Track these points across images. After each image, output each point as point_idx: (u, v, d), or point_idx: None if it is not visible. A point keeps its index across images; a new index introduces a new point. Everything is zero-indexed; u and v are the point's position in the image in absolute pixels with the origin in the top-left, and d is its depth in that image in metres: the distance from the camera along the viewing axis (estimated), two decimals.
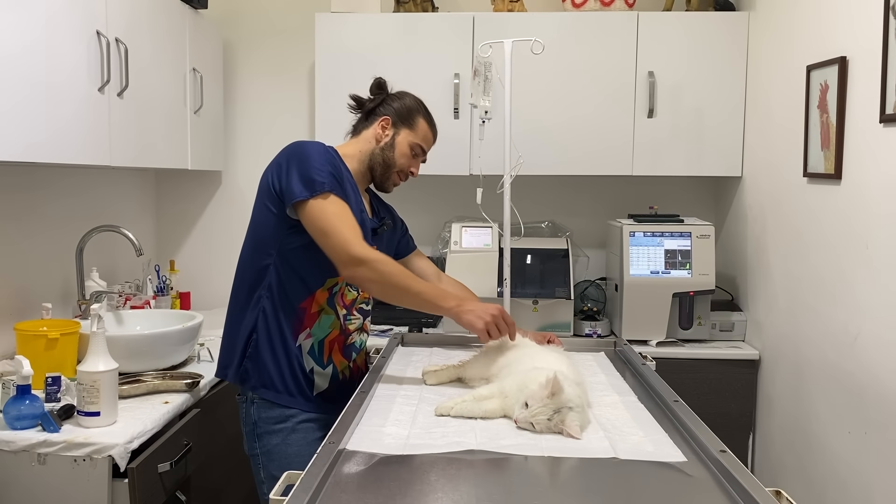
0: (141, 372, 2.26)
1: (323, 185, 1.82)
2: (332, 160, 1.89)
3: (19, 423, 1.84)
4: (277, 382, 1.91)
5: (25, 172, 2.53)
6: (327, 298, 1.93)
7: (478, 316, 1.79)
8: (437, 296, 1.85)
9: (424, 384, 1.82)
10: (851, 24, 2.25)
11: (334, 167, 1.87)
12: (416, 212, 3.55)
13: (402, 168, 2.03)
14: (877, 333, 2.11)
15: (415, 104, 2.05)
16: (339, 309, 1.96)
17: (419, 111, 2.05)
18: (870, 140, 2.14)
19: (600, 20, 3.09)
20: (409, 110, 2.03)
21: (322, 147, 1.92)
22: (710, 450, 1.35)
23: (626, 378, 1.91)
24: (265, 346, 1.91)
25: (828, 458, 2.37)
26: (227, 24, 3.50)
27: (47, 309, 2.33)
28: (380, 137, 2.01)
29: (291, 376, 1.92)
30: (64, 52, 2.13)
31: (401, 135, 2.01)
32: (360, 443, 1.41)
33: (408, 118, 2.03)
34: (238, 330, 1.95)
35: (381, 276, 1.80)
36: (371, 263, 1.80)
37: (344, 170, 1.94)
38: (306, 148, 1.88)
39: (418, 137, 2.03)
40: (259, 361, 1.91)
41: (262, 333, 1.91)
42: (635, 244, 2.98)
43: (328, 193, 1.82)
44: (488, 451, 1.37)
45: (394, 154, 2.01)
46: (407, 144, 2.02)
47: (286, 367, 1.91)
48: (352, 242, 1.79)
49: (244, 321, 1.93)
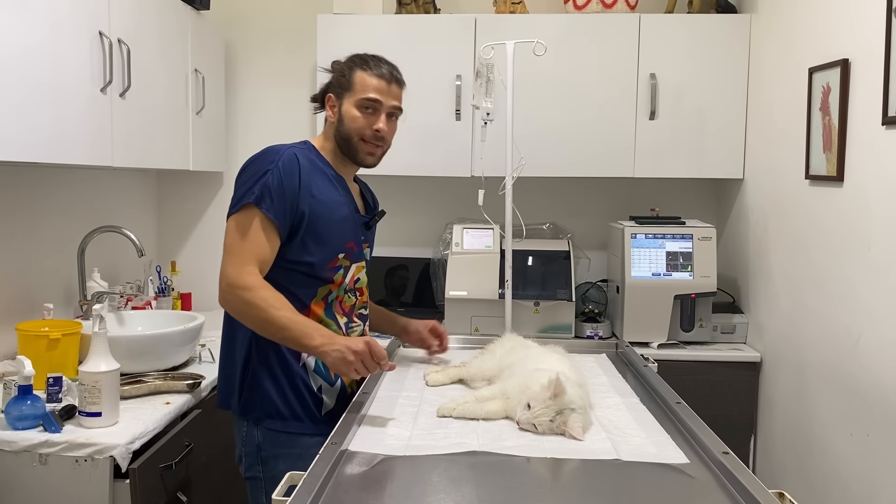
0: (142, 373, 2.26)
1: (248, 197, 1.71)
2: (281, 167, 1.74)
3: (21, 424, 1.84)
4: (283, 409, 1.80)
5: (27, 172, 2.53)
6: (324, 309, 1.84)
7: (340, 356, 1.62)
8: (303, 333, 1.67)
9: (426, 385, 1.81)
10: (853, 26, 2.25)
11: (278, 173, 1.73)
12: (417, 213, 3.55)
13: (360, 134, 1.84)
14: (879, 336, 2.10)
15: (349, 63, 1.87)
16: (340, 317, 1.88)
17: (354, 66, 1.86)
18: (872, 142, 2.14)
19: (602, 22, 3.09)
20: (343, 75, 1.86)
21: (270, 156, 1.77)
22: (713, 451, 1.35)
23: (627, 380, 1.91)
24: (264, 374, 1.80)
25: (830, 461, 2.37)
26: (229, 26, 3.50)
27: (49, 309, 2.33)
28: (331, 118, 1.89)
29: (298, 399, 1.81)
30: (66, 53, 2.13)
31: (344, 104, 1.85)
32: (362, 443, 1.41)
33: (345, 83, 1.86)
34: (232, 359, 1.85)
35: (245, 305, 1.69)
36: (238, 291, 1.69)
37: (313, 168, 1.81)
38: (250, 161, 1.78)
39: (359, 93, 1.83)
40: (260, 390, 1.81)
41: (257, 360, 1.80)
42: (637, 246, 2.98)
43: (249, 206, 1.71)
44: (490, 453, 1.37)
45: (345, 126, 1.85)
46: (352, 107, 1.84)
47: (290, 392, 1.80)
48: (229, 265, 1.70)
49: (237, 349, 1.83)
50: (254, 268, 1.71)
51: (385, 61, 1.90)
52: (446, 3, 3.40)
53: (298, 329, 1.67)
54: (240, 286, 1.69)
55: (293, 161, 1.76)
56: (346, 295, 1.89)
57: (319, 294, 1.83)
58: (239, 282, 1.69)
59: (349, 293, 1.90)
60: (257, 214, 1.72)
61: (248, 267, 1.70)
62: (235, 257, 1.71)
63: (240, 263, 1.70)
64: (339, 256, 1.84)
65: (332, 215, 1.82)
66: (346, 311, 1.90)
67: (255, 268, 1.71)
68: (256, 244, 1.72)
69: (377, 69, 1.86)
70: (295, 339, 1.68)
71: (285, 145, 1.82)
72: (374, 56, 1.89)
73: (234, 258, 1.71)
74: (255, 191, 1.71)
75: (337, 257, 1.84)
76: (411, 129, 3.15)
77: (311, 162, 1.82)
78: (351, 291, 1.90)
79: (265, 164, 1.74)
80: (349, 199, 1.90)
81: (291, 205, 1.74)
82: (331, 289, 1.84)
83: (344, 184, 1.90)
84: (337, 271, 1.84)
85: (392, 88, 1.88)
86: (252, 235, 1.72)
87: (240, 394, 1.83)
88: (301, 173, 1.76)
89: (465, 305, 3.01)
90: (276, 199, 1.72)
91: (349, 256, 1.87)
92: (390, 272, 3.44)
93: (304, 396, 1.81)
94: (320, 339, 1.65)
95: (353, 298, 1.92)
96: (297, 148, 1.83)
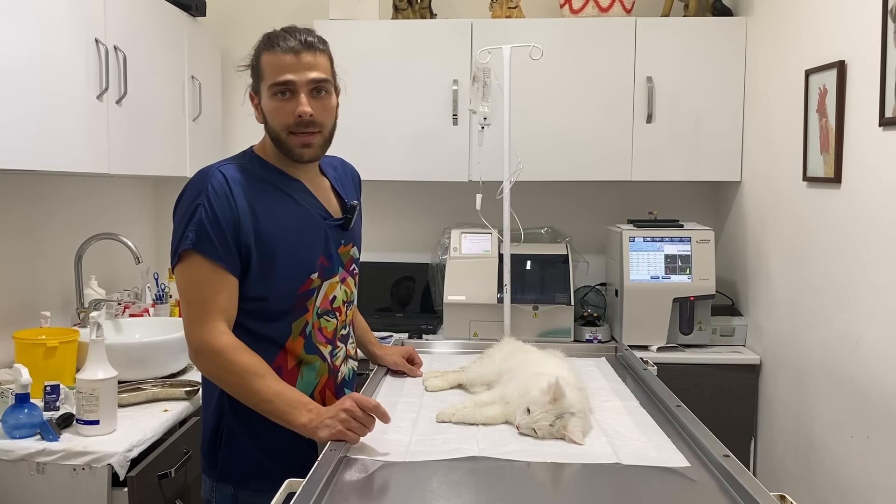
0: (140, 380, 2.25)
1: (185, 243, 1.50)
2: (210, 196, 1.51)
3: (18, 432, 1.83)
4: (269, 466, 1.59)
5: (23, 180, 2.52)
6: (304, 345, 1.61)
7: (328, 429, 1.42)
8: (288, 409, 1.47)
9: (425, 390, 1.81)
10: (849, 28, 2.25)
11: (209, 206, 1.50)
12: (415, 218, 3.55)
13: (284, 127, 1.57)
14: (878, 337, 2.10)
15: (256, 48, 1.61)
16: (323, 348, 1.64)
17: (261, 50, 1.59)
18: (869, 144, 2.14)
19: (598, 26, 3.09)
20: (255, 63, 1.60)
21: (198, 184, 1.53)
22: (714, 454, 1.34)
23: (627, 383, 1.91)
24: (240, 432, 1.59)
25: (830, 463, 2.36)
26: (226, 32, 3.50)
27: (46, 317, 2.32)
28: (258, 118, 1.64)
29: (284, 453, 1.58)
30: (62, 61, 2.13)
31: (263, 97, 1.59)
32: (361, 450, 1.41)
33: (256, 73, 1.60)
34: (206, 418, 1.65)
35: (220, 371, 1.51)
36: (208, 356, 1.50)
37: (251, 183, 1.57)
38: (182, 192, 1.56)
39: (269, 78, 1.56)
40: (239, 451, 1.60)
41: (231, 418, 1.59)
42: (635, 249, 2.98)
43: (188, 253, 1.50)
44: (490, 458, 1.36)
45: (270, 123, 1.59)
46: (268, 100, 1.57)
47: (276, 446, 1.58)
48: (191, 327, 1.51)
49: (209, 407, 1.63)
50: (220, 324, 1.50)
51: (296, 30, 1.57)
52: (442, 8, 3.40)
53: (283, 403, 1.48)
54: (209, 351, 1.50)
55: (222, 186, 1.52)
56: (321, 320, 1.65)
57: (295, 330, 1.60)
58: (207, 346, 1.50)
59: (326, 316, 1.66)
60: (201, 262, 1.50)
61: (214, 325, 1.50)
62: (196, 317, 1.51)
63: (203, 323, 1.50)
64: (311, 277, 1.61)
65: (287, 234, 1.57)
66: (330, 338, 1.67)
67: (221, 324, 1.51)
68: (213, 296, 1.50)
69: (284, 43, 1.54)
70: (278, 414, 1.48)
71: (214, 165, 1.58)
72: (283, 29, 1.58)
73: (195, 318, 1.51)
74: (190, 235, 1.49)
75: (309, 279, 1.61)
76: (408, 133, 3.17)
77: (249, 176, 1.58)
78: (328, 313, 1.66)
79: (194, 197, 1.52)
80: (313, 204, 1.64)
81: (234, 237, 1.51)
82: (306, 319, 1.61)
83: (302, 188, 1.64)
84: (311, 296, 1.61)
85: (304, 58, 1.54)
86: (205, 287, 1.50)
87: (214, 457, 1.63)
88: (234, 197, 1.52)
89: (463, 310, 3.00)
90: (215, 238, 1.50)
91: (321, 274, 1.63)
92: (389, 278, 3.43)
93: (291, 449, 1.57)
94: (307, 415, 1.46)
95: (332, 321, 1.67)
96: (229, 164, 1.59)
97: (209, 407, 1.64)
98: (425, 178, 3.20)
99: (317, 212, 1.65)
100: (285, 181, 1.63)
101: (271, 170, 1.63)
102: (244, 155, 1.66)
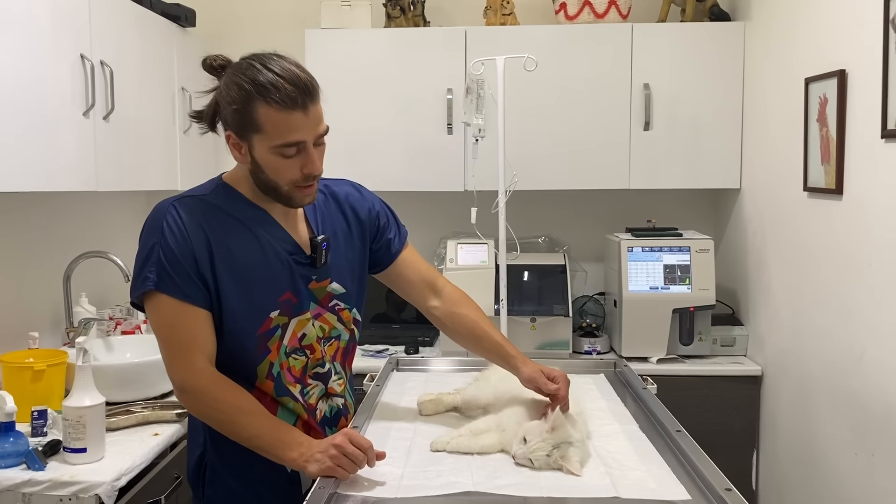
0: (130, 401, 2.21)
1: (147, 285, 1.45)
2: (167, 234, 1.45)
3: (3, 462, 1.79)
4: (254, 502, 1.57)
5: (10, 198, 2.48)
6: (274, 387, 1.54)
7: (318, 464, 1.37)
8: (274, 445, 1.43)
9: (419, 414, 1.77)
10: (851, 36, 2.20)
11: (166, 244, 1.45)
12: (410, 228, 3.45)
13: (290, 181, 1.47)
14: (882, 351, 2.06)
15: (241, 92, 1.41)
16: (292, 388, 1.56)
17: (251, 99, 1.40)
18: (872, 156, 2.09)
19: (594, 32, 3.05)
20: (242, 108, 1.42)
21: (155, 221, 1.48)
22: (715, 487, 1.30)
23: (626, 403, 1.86)
24: (223, 469, 1.57)
25: (835, 480, 2.32)
26: (216, 42, 3.44)
27: (34, 338, 2.27)
28: (241, 161, 1.50)
29: (270, 491, 1.55)
30: (47, 78, 2.08)
31: (255, 148, 1.45)
32: (352, 484, 1.37)
33: (247, 121, 1.42)
34: (191, 449, 1.63)
35: (206, 409, 1.47)
36: (193, 395, 1.47)
37: (213, 216, 1.50)
38: (142, 230, 1.51)
39: (275, 138, 1.42)
40: (223, 487, 1.57)
41: (213, 454, 1.57)
42: (633, 259, 2.94)
43: (152, 294, 1.45)
44: (485, 493, 1.32)
45: (267, 175, 1.47)
46: (268, 154, 1.44)
47: (260, 484, 1.55)
48: (172, 368, 1.47)
49: (195, 439, 1.61)
50: (199, 361, 1.46)
51: (287, 77, 1.40)
52: (436, 16, 3.36)
53: (272, 438, 1.43)
54: (193, 390, 1.46)
55: (177, 222, 1.46)
56: (290, 359, 1.56)
57: (260, 373, 1.53)
58: (189, 385, 1.46)
59: (294, 354, 1.56)
60: (167, 301, 1.45)
61: (192, 363, 1.46)
62: (174, 357, 1.47)
63: (182, 362, 1.46)
64: (271, 316, 1.53)
65: (245, 272, 1.50)
66: (298, 377, 1.58)
67: (200, 360, 1.46)
68: (186, 333, 1.46)
69: (283, 96, 1.38)
70: (268, 449, 1.44)
71: (170, 200, 1.51)
72: (274, 72, 1.40)
73: (173, 358, 1.47)
74: (152, 276, 1.44)
75: (269, 317, 1.52)
76: (402, 144, 3.12)
77: (207, 210, 1.50)
78: (297, 352, 1.57)
79: (151, 235, 1.47)
80: (279, 238, 1.55)
81: (195, 272, 1.46)
82: (270, 360, 1.53)
83: (269, 220, 1.55)
84: (272, 335, 1.53)
85: (311, 113, 1.43)
86: (177, 325, 1.46)
87: (197, 486, 1.60)
88: (189, 233, 1.46)
89: None
90: (175, 275, 1.44)
91: (287, 311, 1.54)
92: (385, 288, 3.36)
93: (278, 486, 1.55)
94: (298, 449, 1.41)
95: (301, 359, 1.58)
96: (187, 197, 1.53)
97: (195, 439, 1.62)
98: (420, 189, 3.16)
99: (282, 246, 1.55)
100: (251, 213, 1.54)
101: (238, 200, 1.54)
102: (211, 183, 1.59)
